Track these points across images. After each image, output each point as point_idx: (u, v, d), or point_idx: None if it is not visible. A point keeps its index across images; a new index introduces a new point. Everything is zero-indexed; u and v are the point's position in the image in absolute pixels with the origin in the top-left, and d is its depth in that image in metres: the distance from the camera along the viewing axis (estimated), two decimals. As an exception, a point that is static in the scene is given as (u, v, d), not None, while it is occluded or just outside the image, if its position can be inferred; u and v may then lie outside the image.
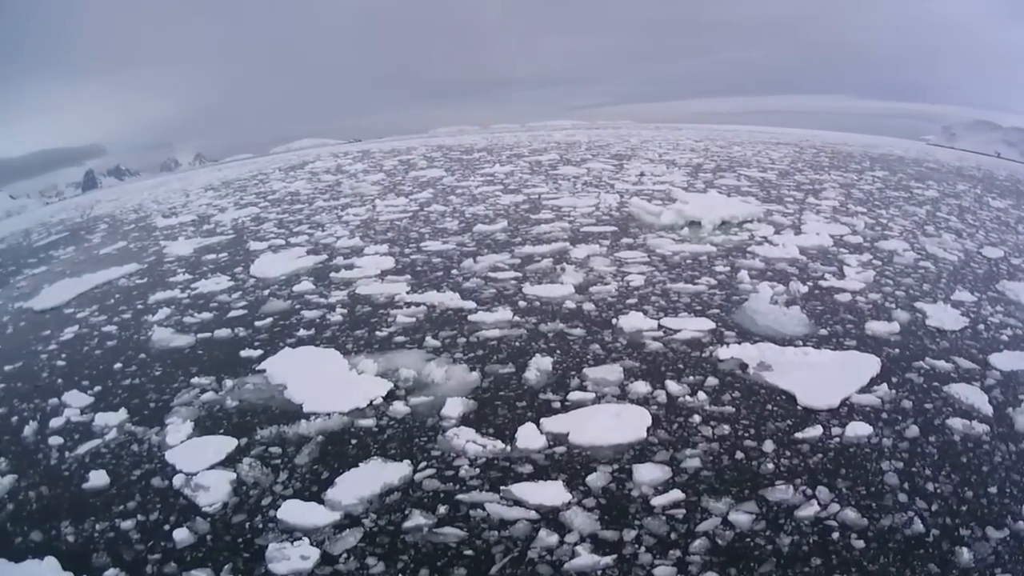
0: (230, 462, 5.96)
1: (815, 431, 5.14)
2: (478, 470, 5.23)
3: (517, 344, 7.45)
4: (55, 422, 7.44)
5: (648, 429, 5.34)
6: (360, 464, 5.53)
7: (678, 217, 11.94)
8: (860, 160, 25.05)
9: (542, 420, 5.66)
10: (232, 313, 10.37)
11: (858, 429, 5.12)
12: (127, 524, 5.33)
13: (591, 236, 11.98)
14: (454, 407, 6.10)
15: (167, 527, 5.18)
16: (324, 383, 6.95)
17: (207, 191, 31.16)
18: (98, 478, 6.10)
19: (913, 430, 5.13)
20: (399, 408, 6.40)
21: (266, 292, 11.20)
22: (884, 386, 5.75)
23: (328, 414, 6.43)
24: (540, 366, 6.67)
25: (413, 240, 13.33)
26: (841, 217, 13.29)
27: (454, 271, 10.67)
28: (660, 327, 7.27)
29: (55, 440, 6.99)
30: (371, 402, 6.50)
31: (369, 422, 6.28)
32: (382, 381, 6.78)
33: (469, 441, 5.55)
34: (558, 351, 7.07)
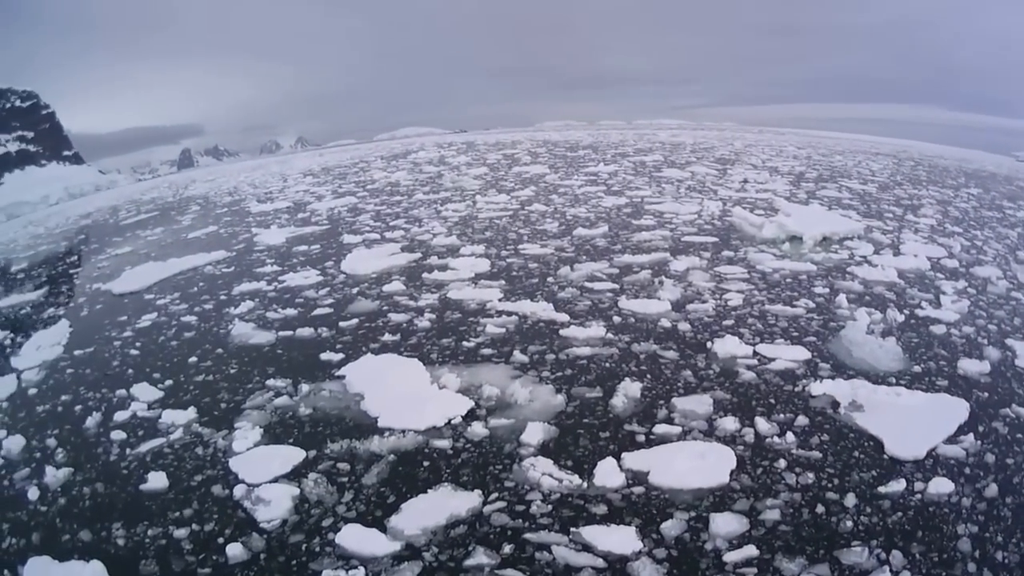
0: (295, 475, 7.96)
1: (898, 485, 6.85)
2: (550, 507, 6.88)
3: (607, 365, 9.99)
4: (120, 415, 10.47)
5: (731, 473, 7.08)
6: (429, 490, 7.34)
7: (779, 231, 16.48)
8: (955, 175, 34.54)
9: (624, 455, 7.52)
10: (317, 311, 14.23)
11: (940, 486, 6.78)
12: (180, 532, 7.32)
13: (692, 247, 16.26)
14: (534, 433, 8.12)
15: (221, 540, 7.03)
16: (403, 396, 9.30)
17: (306, 177, 45.30)
18: (157, 480, 8.63)
19: (992, 489, 6.81)
20: (477, 430, 8.50)
21: (355, 290, 15.20)
22: (971, 436, 7.69)
23: (403, 431, 8.64)
24: (628, 392, 8.92)
25: (511, 242, 18.15)
26: (938, 237, 18.02)
27: (550, 279, 14.43)
28: (755, 354, 9.82)
29: (117, 435, 9.81)
30: (449, 421, 8.65)
31: (444, 443, 8.33)
32: (463, 398, 9.08)
33: (545, 474, 7.33)
34: (648, 376, 9.48)
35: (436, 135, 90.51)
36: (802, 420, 8.08)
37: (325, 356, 11.74)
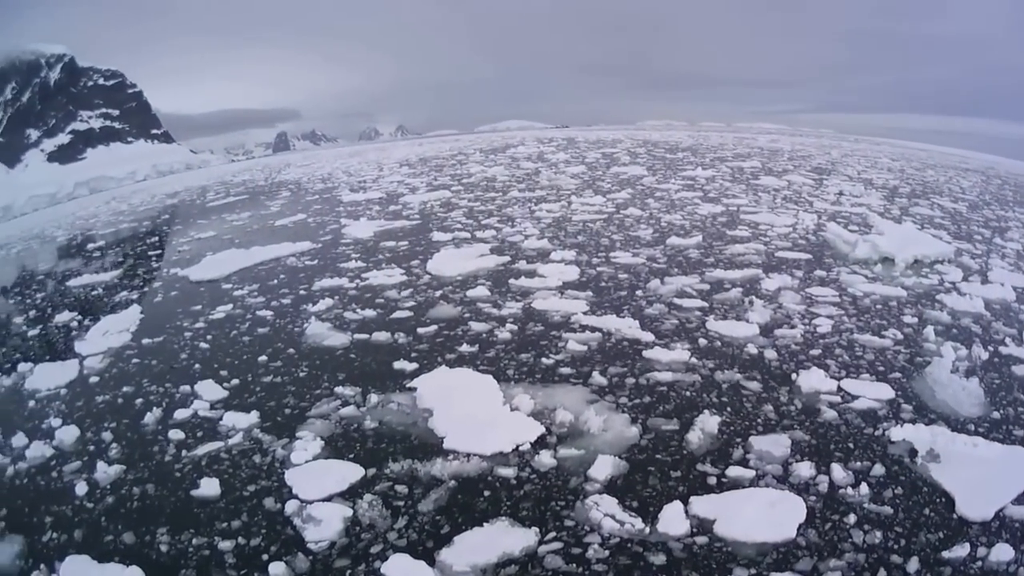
0: (351, 494, 8.44)
1: (962, 550, 7.01)
2: (608, 552, 7.17)
3: (688, 394, 10.54)
4: (180, 414, 11.40)
5: (799, 527, 7.33)
6: (485, 523, 7.70)
7: (872, 251, 17.64)
8: (1043, 197, 35.09)
9: (692, 499, 7.83)
10: (397, 314, 15.31)
11: (1000, 553, 6.90)
12: (225, 545, 7.88)
13: (785, 264, 17.60)
14: (603, 468, 8.52)
15: (265, 557, 7.49)
16: (472, 416, 9.88)
17: (402, 167, 50.58)
18: (209, 487, 9.36)
19: (1051, 559, 7.17)
20: (545, 460, 8.96)
21: (438, 294, 16.40)
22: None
23: (468, 456, 9.13)
24: (706, 427, 9.31)
25: (603, 248, 19.70)
26: None
27: (639, 292, 15.46)
28: (839, 390, 10.29)
29: (175, 434, 10.59)
30: (517, 447, 9.17)
31: (508, 472, 8.80)
32: (534, 423, 9.63)
33: (608, 514, 7.65)
34: (728, 409, 9.95)
35: (537, 129, 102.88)
36: (878, 469, 8.35)
37: (399, 365, 12.56)
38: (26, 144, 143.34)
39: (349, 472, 9.07)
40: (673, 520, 7.41)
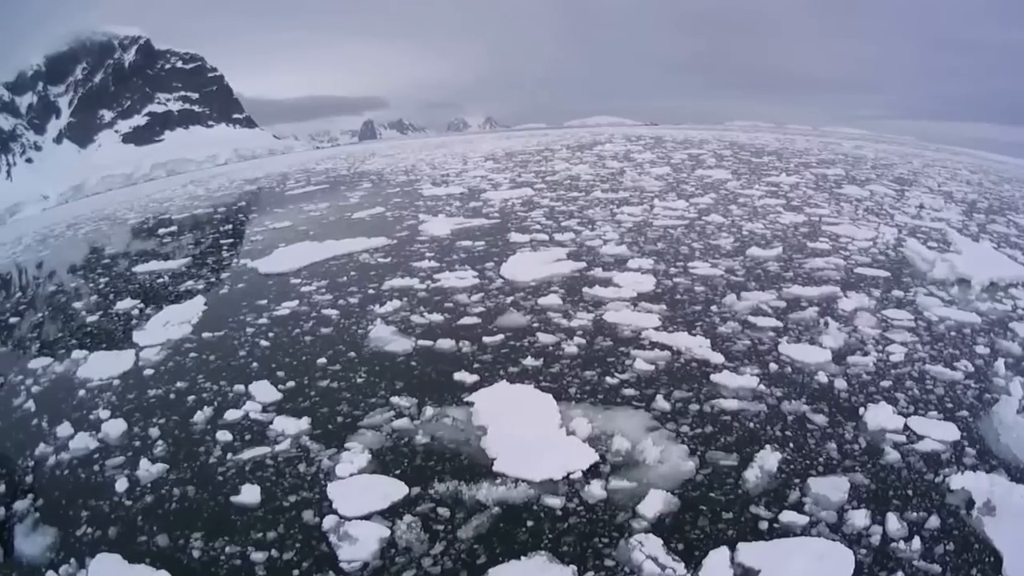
0: (391, 514, 8.80)
1: None
2: None
3: (751, 425, 10.74)
4: (231, 414, 12.37)
5: None
6: (523, 556, 7.92)
7: (950, 272, 18.34)
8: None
9: (740, 545, 7.90)
10: (465, 320, 15.98)
11: None
12: (257, 556, 8.48)
13: (863, 281, 18.22)
14: (653, 504, 8.66)
15: (296, 572, 7.94)
16: (527, 438, 10.22)
17: (486, 161, 54.50)
18: (250, 494, 9.79)
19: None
20: (594, 491, 9.12)
21: (508, 300, 17.13)
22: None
23: (516, 481, 9.39)
24: (766, 464, 9.50)
25: (682, 257, 20.59)
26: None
27: (713, 307, 16.03)
28: (906, 428, 10.48)
29: (223, 436, 11.56)
30: (568, 475, 9.39)
31: (555, 502, 8.99)
32: (589, 450, 9.86)
33: (650, 557, 7.76)
34: (791, 445, 10.17)
35: (627, 126, 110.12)
36: (933, 521, 8.43)
37: (459, 376, 12.87)
38: (99, 124, 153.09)
39: (392, 489, 9.32)
40: (717, 568, 7.51)
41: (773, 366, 12.73)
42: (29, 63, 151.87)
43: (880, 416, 10.64)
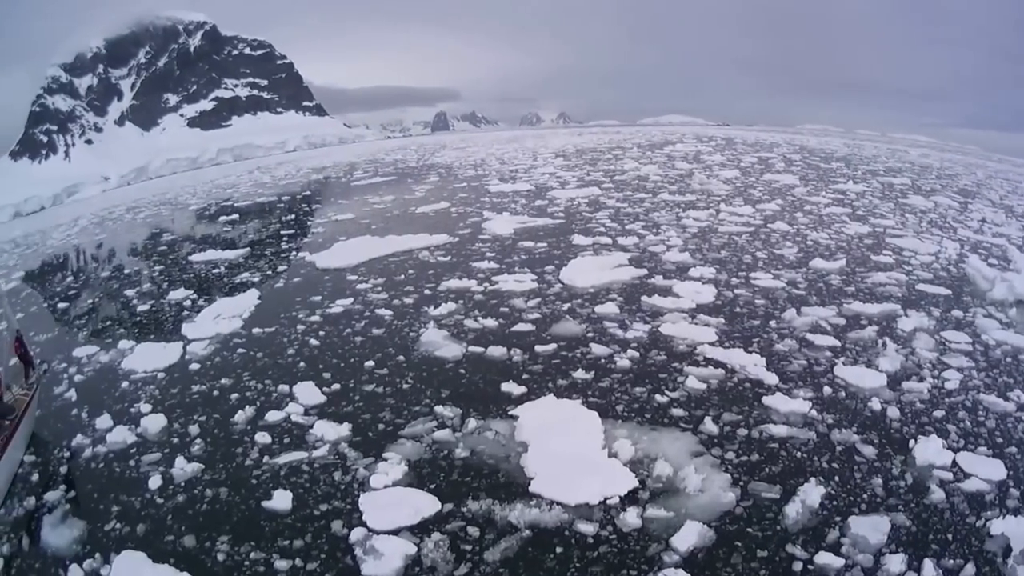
0: (420, 530, 9.01)
1: None
2: None
3: (798, 455, 10.80)
4: (272, 416, 12.70)
5: None
6: None
7: (1008, 292, 18.77)
8: None
9: None
10: (519, 326, 16.20)
11: None
12: (281, 564, 8.69)
13: (924, 299, 18.64)
14: (688, 536, 8.70)
15: None
16: (567, 458, 10.31)
17: (556, 157, 58.91)
18: (281, 500, 10.01)
19: None
20: (630, 519, 9.16)
21: (565, 307, 17.64)
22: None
23: (551, 503, 9.50)
24: (808, 499, 9.49)
25: (744, 267, 21.18)
26: None
27: (772, 322, 16.34)
28: (953, 464, 10.48)
29: (262, 438, 11.95)
30: (604, 500, 9.47)
31: (588, 528, 9.05)
32: (629, 475, 9.96)
33: None
34: (836, 479, 10.13)
35: (699, 126, 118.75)
36: (969, 570, 8.39)
37: (507, 387, 13.00)
38: (163, 108, 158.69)
39: (424, 504, 9.42)
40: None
41: (827, 390, 12.86)
42: (88, 45, 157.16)
43: (929, 450, 10.71)
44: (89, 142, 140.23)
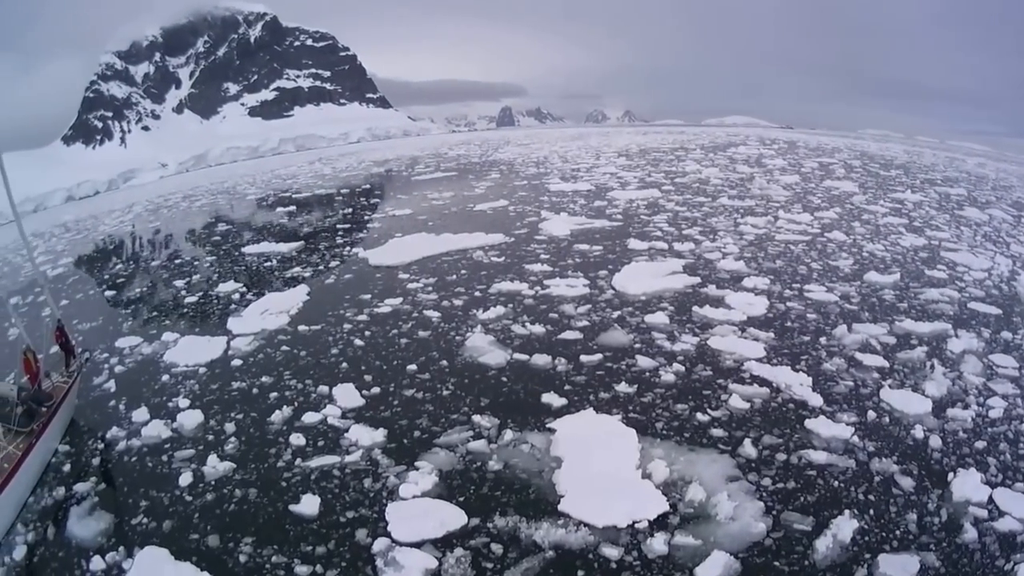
0: (443, 544, 9.09)
1: None
2: None
3: (835, 484, 10.64)
4: (309, 417, 12.96)
5: None
6: None
7: None
8: None
9: None
10: (566, 334, 16.26)
11: None
12: (302, 570, 8.89)
13: (975, 319, 18.50)
14: (714, 567, 8.55)
15: None
16: (600, 477, 10.28)
17: (619, 157, 63.25)
18: (309, 505, 10.20)
19: None
20: (656, 545, 9.07)
21: (615, 315, 18.05)
22: None
23: (579, 524, 9.46)
24: (840, 532, 9.37)
25: (799, 278, 21.59)
26: None
27: (822, 339, 16.47)
28: (989, 501, 10.30)
29: (297, 439, 12.22)
30: (632, 524, 9.39)
31: (614, 552, 8.97)
32: (661, 498, 9.87)
33: None
34: (871, 512, 9.99)
35: (762, 128, 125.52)
36: None
37: (547, 398, 13.02)
38: (223, 97, 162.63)
39: (450, 517, 9.48)
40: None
41: (871, 414, 12.81)
42: (144, 33, 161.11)
43: (967, 485, 10.63)
44: (146, 128, 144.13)
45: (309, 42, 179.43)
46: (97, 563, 9.29)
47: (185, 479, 11.04)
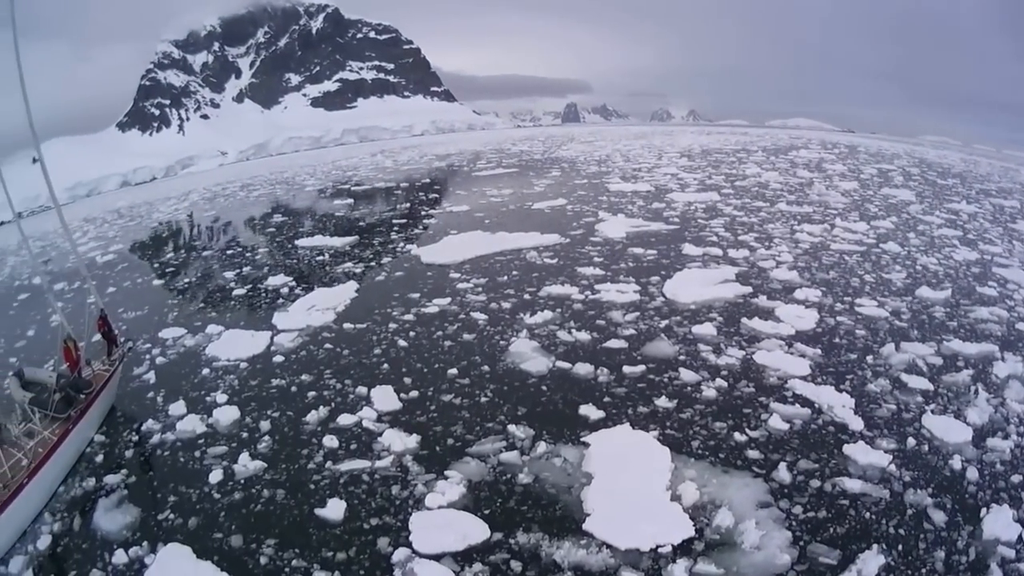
0: (463, 558, 9.13)
1: None
2: None
3: (867, 515, 10.44)
4: (345, 419, 13.11)
5: None
6: None
7: None
8: None
9: None
10: (611, 342, 16.15)
11: None
12: (320, 575, 8.97)
13: (1022, 340, 18.18)
14: None
15: None
16: (629, 495, 10.33)
17: (681, 157, 65.28)
18: (334, 509, 10.30)
19: None
20: (677, 572, 8.96)
21: (663, 324, 18.06)
22: None
23: (601, 545, 9.43)
24: (865, 569, 9.14)
25: (851, 291, 21.59)
26: None
27: (869, 357, 16.30)
28: (1019, 541, 10.01)
29: (330, 441, 12.35)
30: (656, 548, 9.33)
31: None
32: (688, 522, 9.78)
33: None
34: (899, 547, 9.76)
35: (824, 131, 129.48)
36: None
37: (585, 410, 12.92)
38: (284, 87, 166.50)
39: (473, 531, 9.50)
40: None
41: (911, 441, 12.63)
42: (202, 23, 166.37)
43: (998, 522, 10.44)
44: (205, 117, 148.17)
45: (372, 34, 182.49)
46: (120, 557, 9.52)
47: (215, 476, 11.27)
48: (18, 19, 13.99)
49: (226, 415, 13.24)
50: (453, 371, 14.88)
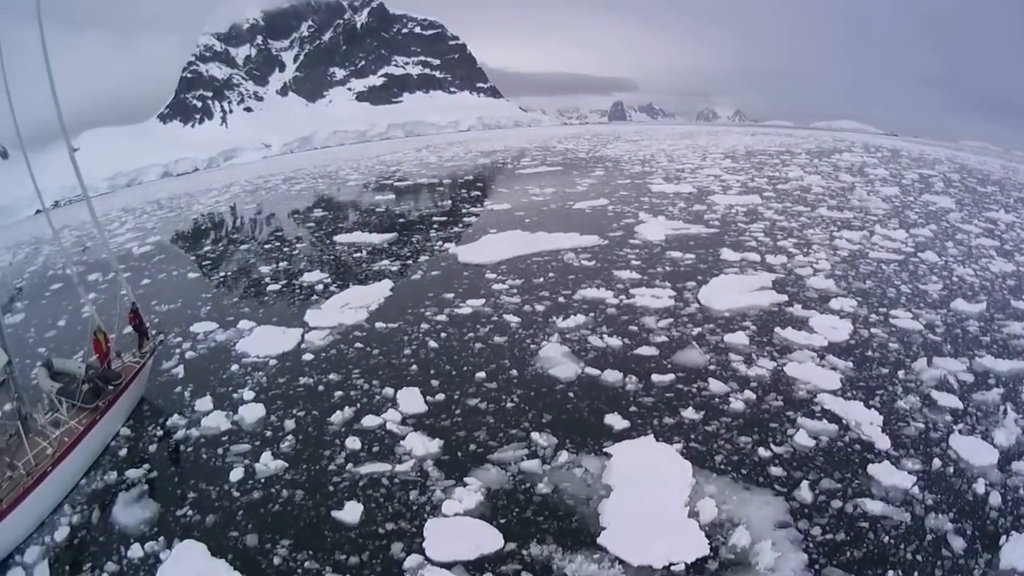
0: (475, 567, 9.14)
1: None
2: None
3: (886, 540, 10.29)
4: (369, 421, 13.20)
5: None
6: None
7: None
8: None
9: None
10: (642, 349, 16.08)
11: None
12: None
13: None
14: None
15: None
16: (646, 510, 10.26)
17: (725, 158, 65.72)
18: (351, 512, 10.38)
19: None
20: None
21: (695, 332, 17.98)
22: None
23: (614, 560, 9.39)
24: None
25: (886, 301, 21.35)
26: None
27: (900, 373, 16.06)
28: None
29: (352, 443, 12.42)
30: (668, 566, 9.28)
31: None
32: (703, 540, 9.69)
33: None
34: (915, 575, 9.60)
35: (868, 134, 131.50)
36: None
37: (610, 419, 12.84)
38: (329, 81, 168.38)
39: (487, 540, 9.51)
40: None
41: (936, 463, 12.45)
42: (244, 16, 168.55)
43: (1017, 552, 10.31)
44: (248, 110, 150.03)
45: (417, 29, 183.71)
46: (135, 551, 9.72)
47: (236, 474, 11.42)
48: (60, 10, 14.24)
49: (252, 413, 13.40)
50: (481, 374, 14.90)
